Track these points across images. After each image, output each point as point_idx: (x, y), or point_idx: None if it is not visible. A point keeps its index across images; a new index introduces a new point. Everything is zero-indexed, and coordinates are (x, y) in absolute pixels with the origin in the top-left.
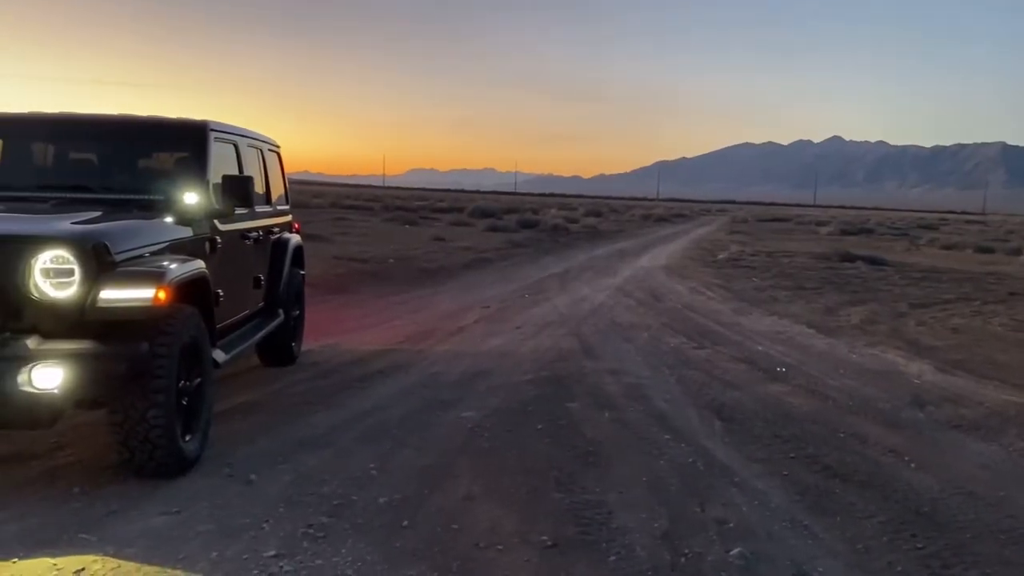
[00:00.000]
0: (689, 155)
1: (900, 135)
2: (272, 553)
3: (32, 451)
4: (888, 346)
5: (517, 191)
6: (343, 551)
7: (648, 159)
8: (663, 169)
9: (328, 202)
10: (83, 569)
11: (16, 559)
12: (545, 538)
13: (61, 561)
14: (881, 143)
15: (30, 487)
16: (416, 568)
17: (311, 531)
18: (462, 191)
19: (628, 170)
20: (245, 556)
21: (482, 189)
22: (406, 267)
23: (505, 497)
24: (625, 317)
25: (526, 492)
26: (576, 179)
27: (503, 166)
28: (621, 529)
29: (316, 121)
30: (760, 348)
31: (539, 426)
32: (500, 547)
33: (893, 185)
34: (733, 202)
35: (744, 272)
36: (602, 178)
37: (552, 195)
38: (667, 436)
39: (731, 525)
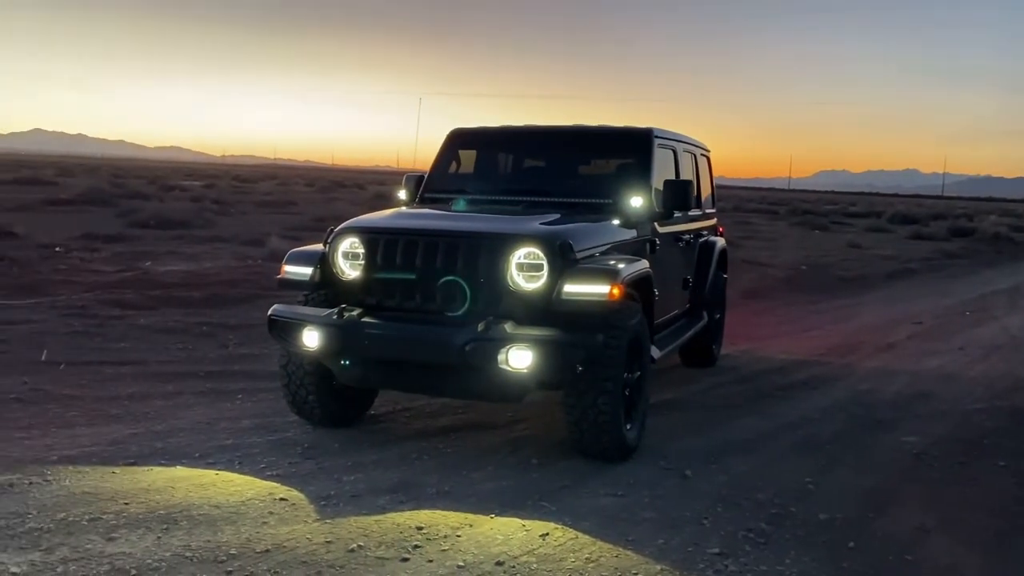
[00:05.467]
0: None
1: None
2: (716, 550)
3: (493, 422)
4: None
5: (944, 194)
6: (787, 561)
7: None
8: None
9: (731, 205)
10: (547, 534)
11: (493, 515)
12: None
13: (528, 523)
14: None
15: (497, 454)
16: None
17: (751, 535)
18: (877, 194)
19: None
20: (689, 548)
21: (901, 192)
22: (820, 274)
23: (966, 535)
24: None
25: (992, 534)
26: (1023, 181)
27: (927, 166)
28: None
29: (718, 122)
30: None
31: (1001, 463)
32: None
33: None
34: None
35: None
36: None
37: (990, 199)
38: None
39: None
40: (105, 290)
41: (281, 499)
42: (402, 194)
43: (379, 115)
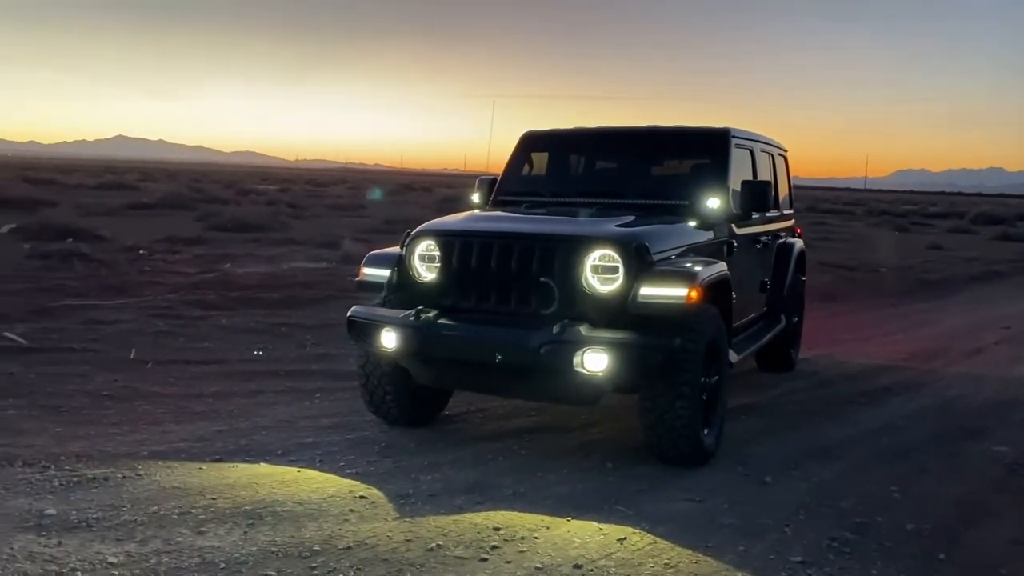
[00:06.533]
0: None
1: None
2: (798, 559)
3: (567, 425)
4: None
5: None
6: (873, 572)
7: None
8: None
9: (805, 206)
10: (625, 538)
11: (569, 518)
12: None
13: (606, 527)
14: None
15: (571, 456)
16: None
17: (835, 544)
18: (959, 194)
19: None
20: (771, 556)
21: (984, 191)
22: (901, 276)
23: None
24: None
25: None
26: None
27: (1013, 164)
28: None
29: (791, 121)
30: None
31: None
32: None
33: None
34: None
35: None
36: None
37: None
38: None
39: None
40: (188, 291)
41: (361, 497)
42: (475, 197)
43: (446, 118)
